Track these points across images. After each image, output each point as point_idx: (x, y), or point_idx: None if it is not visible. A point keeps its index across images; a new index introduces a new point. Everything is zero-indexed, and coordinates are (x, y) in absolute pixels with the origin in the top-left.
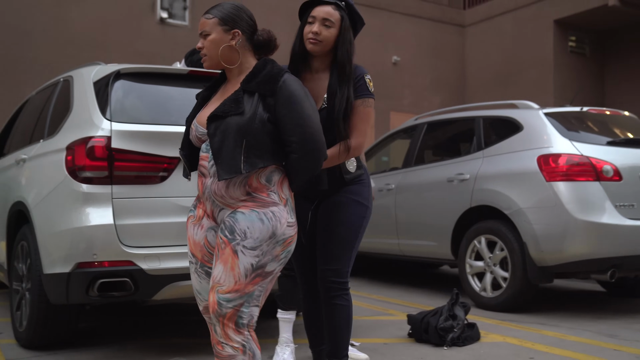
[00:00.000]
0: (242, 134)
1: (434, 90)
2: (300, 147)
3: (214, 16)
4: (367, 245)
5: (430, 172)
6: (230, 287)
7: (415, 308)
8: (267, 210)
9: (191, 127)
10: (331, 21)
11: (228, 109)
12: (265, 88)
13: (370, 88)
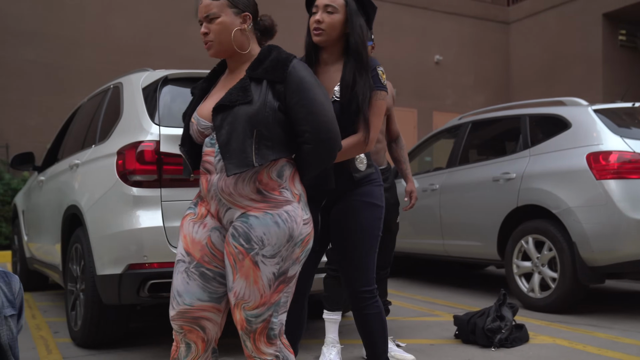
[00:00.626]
0: (253, 123)
1: (477, 89)
2: (314, 136)
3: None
4: (411, 245)
5: (475, 172)
6: (257, 302)
7: (461, 309)
8: (281, 211)
9: (192, 121)
10: (333, 7)
11: (235, 97)
12: (273, 74)
13: (383, 80)
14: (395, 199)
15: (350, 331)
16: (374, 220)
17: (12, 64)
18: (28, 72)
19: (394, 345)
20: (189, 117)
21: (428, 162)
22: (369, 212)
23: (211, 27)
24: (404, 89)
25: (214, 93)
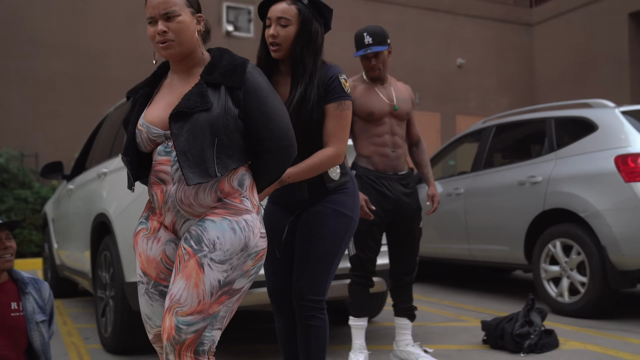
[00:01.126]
0: (214, 131)
1: (501, 92)
2: (274, 144)
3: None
4: (436, 250)
5: (500, 176)
6: (193, 308)
7: (489, 314)
8: (239, 218)
9: (139, 128)
10: (287, 19)
11: (194, 104)
12: (231, 80)
13: (345, 88)
14: (418, 204)
15: (377, 337)
16: (339, 230)
17: (42, 76)
18: (58, 83)
19: (422, 351)
20: (132, 124)
21: (452, 167)
22: (335, 220)
23: (170, 26)
24: (426, 93)
25: (159, 98)
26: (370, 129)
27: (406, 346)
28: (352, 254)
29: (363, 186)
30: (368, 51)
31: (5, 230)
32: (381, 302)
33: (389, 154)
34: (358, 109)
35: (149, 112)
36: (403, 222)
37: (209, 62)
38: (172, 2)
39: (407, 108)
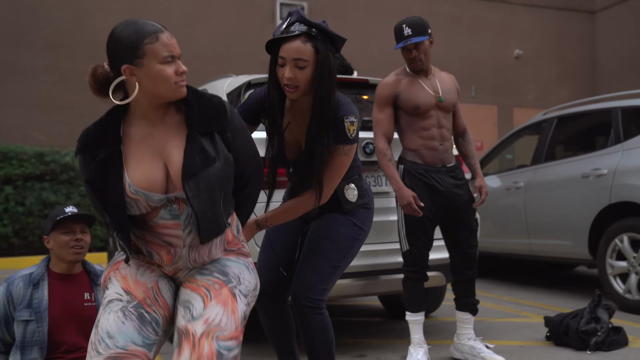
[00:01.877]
0: (221, 185)
1: (561, 83)
2: (256, 176)
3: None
4: (495, 245)
5: (562, 169)
6: (233, 334)
7: (551, 310)
8: (248, 260)
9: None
10: (304, 60)
11: (200, 162)
12: (220, 124)
13: (350, 133)
14: (470, 195)
15: (437, 332)
16: (348, 237)
17: None
18: None
19: (484, 347)
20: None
21: (509, 160)
22: (346, 227)
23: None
24: (483, 85)
25: (137, 156)
26: (417, 122)
27: (468, 340)
28: (404, 249)
29: (412, 181)
30: (408, 42)
31: (82, 223)
32: (439, 297)
33: (437, 147)
34: (403, 103)
35: (134, 174)
36: (457, 215)
37: (187, 107)
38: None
39: (453, 99)
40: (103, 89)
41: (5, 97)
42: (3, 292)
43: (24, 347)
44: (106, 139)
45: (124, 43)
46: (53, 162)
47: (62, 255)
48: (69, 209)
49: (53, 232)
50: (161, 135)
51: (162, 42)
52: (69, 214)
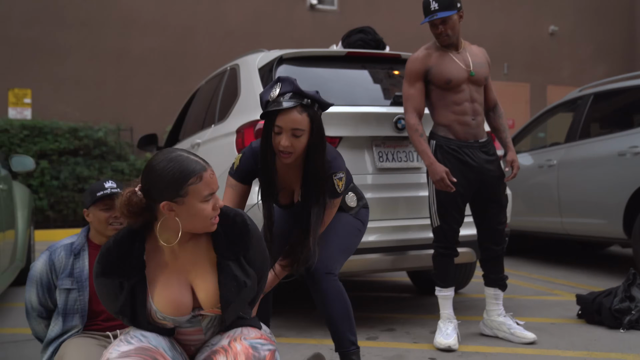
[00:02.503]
0: (249, 301)
1: (597, 60)
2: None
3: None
4: (526, 224)
5: (598, 146)
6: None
7: (583, 289)
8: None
9: (160, 322)
10: (300, 129)
11: (235, 290)
12: (245, 246)
13: (339, 188)
14: (501, 171)
15: (466, 308)
16: (354, 227)
17: (135, 54)
18: (149, 61)
19: (514, 323)
20: (143, 318)
21: (541, 139)
22: (352, 219)
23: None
24: (516, 62)
25: (162, 280)
26: (449, 97)
27: (497, 316)
28: (435, 225)
29: (445, 156)
30: (434, 17)
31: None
32: (469, 273)
33: (469, 122)
34: (435, 77)
35: (160, 300)
36: (488, 190)
37: (217, 232)
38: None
39: (485, 73)
40: (134, 215)
41: (40, 74)
42: (46, 261)
43: (66, 314)
44: (129, 264)
45: (167, 181)
46: (86, 137)
47: (101, 230)
48: (108, 184)
49: (92, 207)
50: (187, 258)
51: (205, 181)
52: (108, 192)
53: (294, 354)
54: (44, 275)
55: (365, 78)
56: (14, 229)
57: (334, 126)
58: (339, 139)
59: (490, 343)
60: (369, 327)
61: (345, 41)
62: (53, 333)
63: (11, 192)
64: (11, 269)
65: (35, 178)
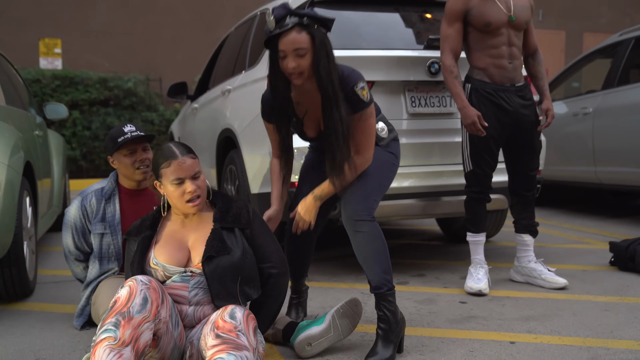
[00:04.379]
0: (236, 271)
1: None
2: (280, 269)
3: (195, 156)
4: (558, 173)
5: (636, 92)
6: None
7: (616, 238)
8: (242, 354)
9: (152, 267)
10: (302, 48)
11: (218, 249)
12: (242, 222)
13: (364, 97)
14: (536, 116)
15: (497, 255)
16: (388, 162)
17: (162, 3)
18: (177, 10)
19: (545, 269)
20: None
21: (576, 88)
22: (385, 155)
23: (199, 184)
24: (550, 9)
25: (167, 240)
26: (487, 40)
27: (528, 262)
28: (468, 169)
29: (479, 99)
30: None
31: (144, 143)
32: (500, 220)
33: (505, 66)
34: (474, 20)
35: (161, 252)
36: (522, 135)
37: (217, 208)
38: (195, 163)
39: (526, 17)
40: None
41: (70, 24)
42: (78, 206)
43: (102, 258)
44: (145, 227)
45: (154, 165)
46: (116, 88)
47: (129, 175)
48: (127, 127)
49: (116, 154)
50: (192, 227)
51: (174, 167)
52: (129, 136)
53: (325, 297)
54: (78, 220)
55: (398, 21)
56: (50, 177)
57: (366, 70)
58: (372, 83)
59: (521, 288)
60: (400, 272)
61: None
62: (91, 275)
63: (47, 140)
64: (49, 214)
65: (68, 128)
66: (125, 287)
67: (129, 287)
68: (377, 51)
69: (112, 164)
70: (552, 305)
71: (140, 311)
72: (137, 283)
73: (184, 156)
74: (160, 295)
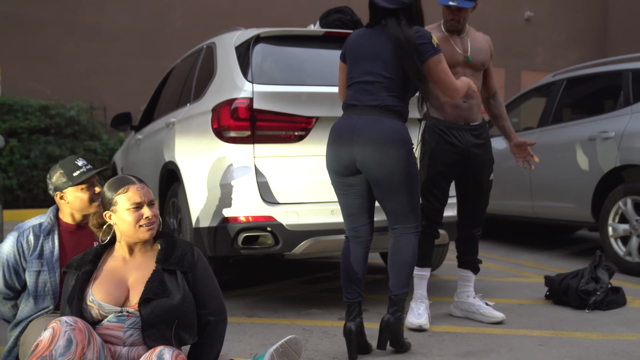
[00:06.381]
0: (174, 315)
1: (570, 46)
2: (218, 317)
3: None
4: (498, 207)
5: (569, 131)
6: None
7: (551, 271)
8: None
9: (88, 304)
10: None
11: (157, 291)
12: (185, 265)
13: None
14: (489, 156)
15: (438, 289)
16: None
17: (109, 30)
18: (124, 38)
19: (483, 304)
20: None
21: (515, 124)
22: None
23: (154, 211)
24: None
25: (107, 277)
26: None
27: (467, 297)
28: None
29: (432, 136)
30: (454, 3)
31: (96, 176)
32: (442, 255)
33: (460, 105)
34: None
35: (99, 289)
36: (472, 173)
37: (161, 248)
38: (149, 191)
39: (483, 59)
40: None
41: (11, 48)
42: (13, 243)
43: (37, 296)
44: (86, 261)
45: (107, 193)
46: (58, 116)
47: (84, 209)
48: (81, 161)
49: (71, 188)
50: (132, 266)
51: (131, 193)
52: (85, 170)
53: (266, 334)
54: (12, 256)
55: None
56: None
57: (310, 106)
58: (315, 119)
59: (460, 323)
60: (342, 307)
61: (323, 21)
62: (23, 314)
63: None
64: None
65: (5, 157)
66: (49, 329)
67: (52, 329)
68: (321, 87)
69: (61, 199)
70: (490, 340)
71: (64, 354)
72: (61, 324)
73: (141, 183)
74: (86, 336)
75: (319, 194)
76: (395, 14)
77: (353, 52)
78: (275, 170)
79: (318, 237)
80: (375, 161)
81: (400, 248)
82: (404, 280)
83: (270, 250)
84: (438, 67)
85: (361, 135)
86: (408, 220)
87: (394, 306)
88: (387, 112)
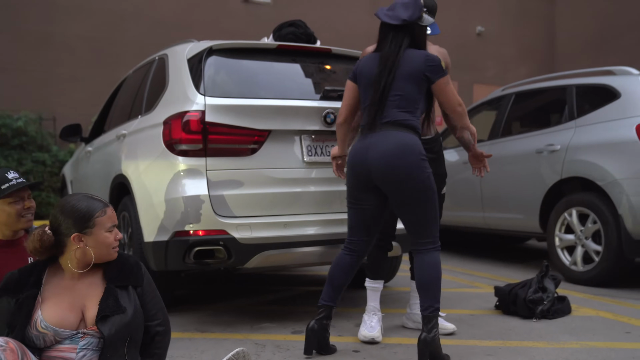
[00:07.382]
0: (129, 331)
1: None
2: (165, 327)
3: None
4: (451, 218)
5: (518, 144)
6: None
7: (502, 281)
8: None
9: (40, 331)
10: None
11: (113, 308)
12: (134, 280)
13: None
14: (442, 170)
15: (391, 301)
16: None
17: (60, 39)
18: (75, 47)
19: None
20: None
21: None
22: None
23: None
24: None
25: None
26: None
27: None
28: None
29: None
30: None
31: (28, 190)
32: (395, 267)
33: None
34: None
35: (51, 314)
36: None
37: (111, 265)
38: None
39: None
40: (45, 251)
41: None
42: None
43: None
44: (27, 283)
45: (77, 216)
46: (4, 127)
47: (12, 224)
48: (11, 174)
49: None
50: (84, 284)
51: (108, 215)
52: (14, 183)
53: (218, 349)
54: None
55: (295, 71)
56: None
57: (263, 119)
58: (268, 132)
59: (412, 335)
60: (295, 320)
61: (277, 34)
62: None
63: None
64: None
65: None
66: None
67: None
68: (274, 100)
69: None
70: None
71: None
72: None
73: (109, 205)
74: (19, 357)
75: (272, 207)
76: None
77: (364, 77)
78: (227, 184)
79: (271, 251)
80: (388, 170)
81: (426, 267)
82: (436, 297)
83: (223, 264)
84: (447, 87)
85: (374, 148)
86: (428, 234)
87: (429, 323)
88: (398, 126)
